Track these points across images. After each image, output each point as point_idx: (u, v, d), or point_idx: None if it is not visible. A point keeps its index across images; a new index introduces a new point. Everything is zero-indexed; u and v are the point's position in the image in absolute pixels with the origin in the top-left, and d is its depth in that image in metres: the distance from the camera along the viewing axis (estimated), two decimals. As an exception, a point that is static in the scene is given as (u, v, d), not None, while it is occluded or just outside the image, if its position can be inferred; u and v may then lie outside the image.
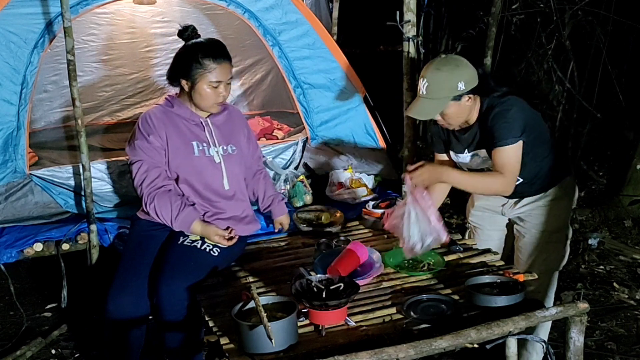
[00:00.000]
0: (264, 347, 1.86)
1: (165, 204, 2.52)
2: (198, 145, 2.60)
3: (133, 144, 2.58)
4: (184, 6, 4.43)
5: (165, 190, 2.55)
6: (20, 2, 3.02)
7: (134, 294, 2.41)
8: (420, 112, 2.47)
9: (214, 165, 2.62)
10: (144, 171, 2.55)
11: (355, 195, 3.41)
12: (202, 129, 2.63)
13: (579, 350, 2.10)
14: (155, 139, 2.55)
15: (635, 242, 4.26)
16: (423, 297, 2.22)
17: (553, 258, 2.68)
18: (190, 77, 2.50)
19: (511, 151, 2.40)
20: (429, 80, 2.40)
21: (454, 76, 2.39)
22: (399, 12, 3.32)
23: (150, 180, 2.54)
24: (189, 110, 2.62)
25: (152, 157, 2.56)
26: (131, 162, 2.61)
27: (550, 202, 2.62)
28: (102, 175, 3.25)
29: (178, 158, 2.58)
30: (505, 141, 2.39)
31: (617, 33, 5.25)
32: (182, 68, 2.52)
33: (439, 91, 2.40)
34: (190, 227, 2.53)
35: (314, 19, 3.74)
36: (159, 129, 2.56)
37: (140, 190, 2.57)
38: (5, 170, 3.11)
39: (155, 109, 2.63)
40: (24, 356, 3.02)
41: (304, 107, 3.76)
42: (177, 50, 2.60)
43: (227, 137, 2.69)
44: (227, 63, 2.53)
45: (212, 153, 2.62)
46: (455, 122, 2.51)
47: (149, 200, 2.54)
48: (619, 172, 4.81)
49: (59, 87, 4.36)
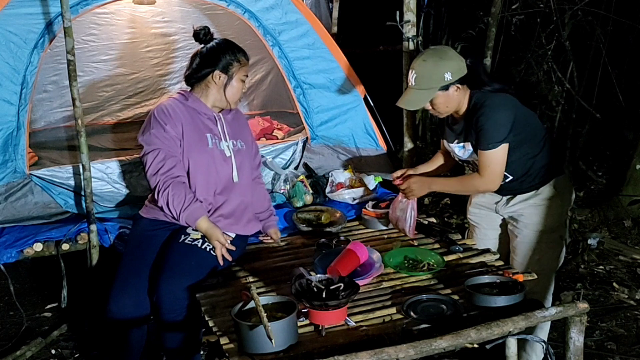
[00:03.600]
0: (264, 347, 1.86)
1: (179, 194, 2.53)
2: (211, 138, 2.67)
3: (149, 133, 2.59)
4: (184, 6, 4.43)
5: (180, 181, 2.58)
6: (20, 2, 3.01)
7: (134, 294, 2.41)
8: (409, 102, 2.58)
9: (225, 159, 2.68)
10: (160, 159, 2.56)
11: (355, 195, 3.41)
12: (214, 123, 2.70)
13: (579, 350, 2.10)
14: (172, 129, 2.59)
15: (635, 242, 4.26)
16: (423, 297, 2.22)
17: (547, 259, 2.67)
18: (228, 71, 2.64)
19: (495, 154, 2.48)
20: (417, 72, 2.52)
21: (441, 67, 2.49)
22: (399, 12, 3.33)
23: (167, 169, 2.56)
24: (203, 105, 2.69)
25: (169, 147, 2.58)
26: (146, 152, 2.60)
27: (543, 201, 2.63)
28: (102, 175, 3.25)
29: (192, 149, 2.62)
30: (489, 144, 2.47)
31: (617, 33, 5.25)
32: (219, 62, 2.63)
33: (427, 82, 2.50)
34: (196, 222, 2.54)
35: (314, 19, 3.74)
36: (176, 119, 2.60)
37: (155, 178, 2.56)
38: (5, 170, 3.10)
39: (170, 100, 2.68)
40: (24, 356, 3.02)
41: (304, 107, 3.76)
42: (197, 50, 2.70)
43: (237, 134, 2.77)
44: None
45: (223, 147, 2.68)
46: (444, 111, 2.59)
47: (163, 188, 2.54)
48: (618, 172, 4.81)
49: (59, 87, 4.36)
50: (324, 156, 3.79)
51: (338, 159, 3.79)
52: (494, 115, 2.45)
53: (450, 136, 2.71)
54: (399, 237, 2.89)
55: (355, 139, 3.85)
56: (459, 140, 2.65)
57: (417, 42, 3.39)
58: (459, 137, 2.65)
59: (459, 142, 2.65)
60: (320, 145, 3.80)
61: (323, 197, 3.50)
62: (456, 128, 2.65)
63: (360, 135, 3.85)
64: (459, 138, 2.64)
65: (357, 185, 3.49)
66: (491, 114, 2.45)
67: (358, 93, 3.84)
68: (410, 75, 2.54)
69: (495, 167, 2.50)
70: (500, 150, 2.47)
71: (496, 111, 2.46)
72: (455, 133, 2.66)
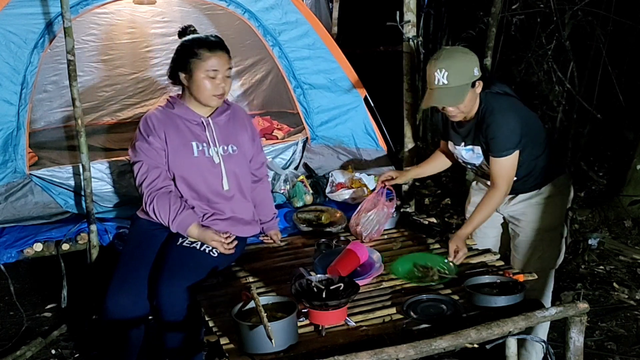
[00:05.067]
0: (264, 347, 1.86)
1: (164, 205, 2.53)
2: (197, 146, 2.60)
3: (134, 145, 2.61)
4: (184, 6, 4.43)
5: (165, 191, 2.56)
6: (20, 2, 3.01)
7: (133, 293, 2.41)
8: (443, 100, 2.44)
9: (214, 166, 2.62)
10: (144, 172, 2.56)
11: (355, 195, 3.41)
12: (202, 128, 2.63)
13: (579, 350, 2.10)
14: (155, 140, 2.56)
15: (635, 242, 4.26)
16: (423, 297, 2.22)
17: (548, 256, 2.69)
18: (188, 69, 2.52)
19: (508, 161, 2.47)
20: (448, 69, 2.40)
21: (470, 62, 2.44)
22: (399, 12, 3.32)
23: (150, 181, 2.55)
24: (190, 110, 2.62)
25: (152, 158, 2.57)
26: (132, 162, 2.62)
27: (544, 200, 2.64)
28: (102, 175, 3.25)
29: (177, 158, 2.58)
30: (503, 152, 2.45)
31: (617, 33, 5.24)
32: (180, 62, 2.55)
33: (460, 77, 2.41)
34: (187, 230, 2.54)
35: (314, 19, 3.74)
36: (158, 130, 2.57)
37: (140, 189, 2.59)
38: (5, 170, 3.10)
39: (156, 110, 2.65)
40: (24, 356, 3.02)
41: (304, 107, 3.76)
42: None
43: (228, 137, 2.68)
44: (223, 53, 2.54)
45: (211, 153, 2.61)
46: (468, 110, 2.51)
47: (148, 201, 2.55)
48: (618, 173, 4.81)
49: (59, 87, 4.36)
50: (324, 156, 3.79)
51: (338, 159, 3.79)
52: (505, 121, 2.44)
53: (456, 138, 2.66)
54: (398, 238, 2.89)
55: (356, 139, 3.85)
56: (466, 143, 2.62)
57: (417, 42, 3.39)
58: (466, 140, 2.61)
59: (466, 144, 2.62)
60: (320, 145, 3.80)
61: (323, 197, 3.50)
62: (463, 130, 2.61)
63: (361, 135, 3.85)
64: (466, 141, 2.61)
65: (357, 185, 3.49)
66: (503, 121, 2.44)
67: (358, 93, 3.84)
68: (438, 74, 2.40)
69: (509, 173, 2.50)
70: (513, 157, 2.48)
71: (507, 117, 2.44)
72: (462, 136, 2.62)
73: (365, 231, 2.83)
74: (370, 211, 2.86)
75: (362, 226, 2.85)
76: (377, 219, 2.85)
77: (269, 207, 2.92)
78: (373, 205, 2.88)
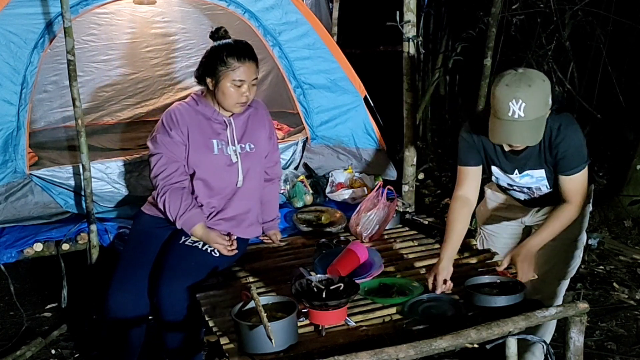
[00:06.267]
0: (264, 347, 1.86)
1: (175, 200, 2.54)
2: (218, 144, 2.63)
3: (155, 137, 2.62)
4: (184, 6, 4.43)
5: (179, 187, 2.58)
6: (20, 2, 3.01)
7: (133, 292, 2.41)
8: (524, 138, 2.22)
9: (231, 164, 2.65)
10: (162, 164, 2.58)
11: (355, 195, 3.41)
12: (224, 127, 2.65)
13: (579, 350, 2.11)
14: (177, 134, 2.58)
15: (635, 242, 4.26)
16: (423, 297, 2.22)
17: (569, 264, 2.63)
18: (215, 76, 2.54)
19: (583, 176, 2.37)
20: (527, 100, 2.13)
21: (547, 90, 2.20)
22: (399, 12, 3.32)
23: (167, 174, 2.57)
24: (213, 109, 2.65)
25: (172, 152, 2.59)
26: (151, 154, 2.63)
27: None
28: (102, 175, 3.25)
29: (197, 155, 2.61)
30: (577, 169, 2.34)
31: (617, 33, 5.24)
32: (208, 67, 2.56)
33: (539, 109, 2.18)
34: (192, 229, 2.54)
35: (314, 19, 3.74)
36: (182, 125, 2.59)
37: (155, 181, 2.60)
38: (5, 170, 3.10)
39: (180, 105, 2.66)
40: (24, 356, 3.01)
41: (304, 107, 3.76)
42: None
43: (247, 135, 2.70)
44: (251, 63, 2.56)
45: (229, 152, 2.64)
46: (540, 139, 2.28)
47: (161, 193, 2.57)
48: (619, 172, 4.81)
49: (59, 87, 4.36)
50: (324, 156, 3.79)
51: (338, 159, 3.79)
52: (574, 137, 2.31)
53: (507, 166, 2.45)
54: (398, 237, 2.89)
55: (355, 139, 3.85)
56: (521, 170, 2.43)
57: (417, 42, 3.39)
58: (522, 168, 2.42)
59: (520, 171, 2.43)
60: (320, 145, 3.80)
61: (323, 197, 3.50)
62: (519, 158, 2.39)
63: (360, 135, 3.85)
64: (523, 168, 2.42)
65: (357, 185, 3.49)
66: (572, 136, 2.31)
67: (358, 93, 3.84)
68: (514, 105, 2.13)
69: (584, 187, 2.39)
70: (586, 171, 2.38)
71: (574, 132, 2.32)
72: (517, 163, 2.42)
73: (365, 231, 2.83)
74: (370, 211, 2.87)
75: (362, 226, 2.85)
76: (377, 219, 2.85)
77: (274, 208, 2.93)
78: (373, 205, 2.89)
